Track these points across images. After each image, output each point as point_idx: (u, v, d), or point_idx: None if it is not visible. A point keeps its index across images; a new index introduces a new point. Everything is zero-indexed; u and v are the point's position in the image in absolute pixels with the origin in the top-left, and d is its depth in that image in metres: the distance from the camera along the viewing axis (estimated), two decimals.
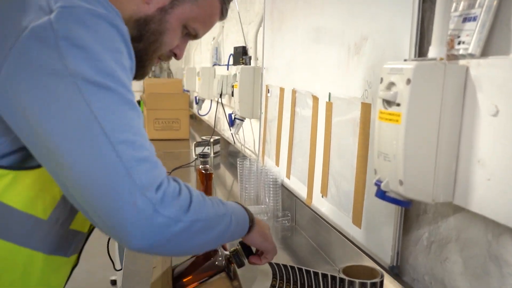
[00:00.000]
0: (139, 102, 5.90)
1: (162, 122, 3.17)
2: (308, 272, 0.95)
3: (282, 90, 1.59)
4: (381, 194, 0.75)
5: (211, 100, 2.92)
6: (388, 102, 0.73)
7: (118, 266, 1.34)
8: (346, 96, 1.10)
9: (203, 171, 1.73)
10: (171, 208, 0.60)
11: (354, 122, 1.06)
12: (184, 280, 0.90)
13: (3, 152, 0.63)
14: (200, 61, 3.81)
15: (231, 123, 2.13)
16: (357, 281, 0.86)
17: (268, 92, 1.77)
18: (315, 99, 1.29)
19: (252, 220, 0.85)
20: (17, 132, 0.61)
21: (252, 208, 1.24)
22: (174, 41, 0.77)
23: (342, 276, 0.88)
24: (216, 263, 0.90)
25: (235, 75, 2.04)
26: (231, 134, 2.36)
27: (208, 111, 3.12)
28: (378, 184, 0.76)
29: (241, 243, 0.94)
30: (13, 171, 0.64)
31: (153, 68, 6.66)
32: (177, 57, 0.80)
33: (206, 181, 1.74)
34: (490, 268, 0.72)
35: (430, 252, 0.87)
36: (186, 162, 2.34)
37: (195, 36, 0.80)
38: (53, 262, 0.71)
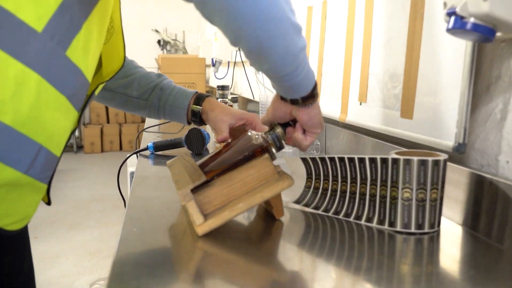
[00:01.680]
0: None
1: None
2: (351, 160, 0.78)
3: (310, 9, 1.43)
4: (458, 22, 0.58)
5: (228, 63, 2.78)
6: None
7: None
8: None
9: None
10: None
11: None
12: (212, 162, 0.73)
13: None
14: (218, 30, 3.67)
15: None
16: (415, 158, 0.69)
17: None
18: None
19: (316, 88, 0.73)
20: None
21: None
22: None
23: (395, 156, 0.72)
24: (254, 143, 0.74)
25: None
26: (255, 81, 2.20)
27: (225, 75, 2.97)
28: (451, 12, 0.59)
29: (279, 123, 0.79)
30: None
31: (168, 47, 6.48)
32: None
33: None
34: None
35: (506, 126, 0.71)
36: None
37: None
38: (47, 93, 0.63)
